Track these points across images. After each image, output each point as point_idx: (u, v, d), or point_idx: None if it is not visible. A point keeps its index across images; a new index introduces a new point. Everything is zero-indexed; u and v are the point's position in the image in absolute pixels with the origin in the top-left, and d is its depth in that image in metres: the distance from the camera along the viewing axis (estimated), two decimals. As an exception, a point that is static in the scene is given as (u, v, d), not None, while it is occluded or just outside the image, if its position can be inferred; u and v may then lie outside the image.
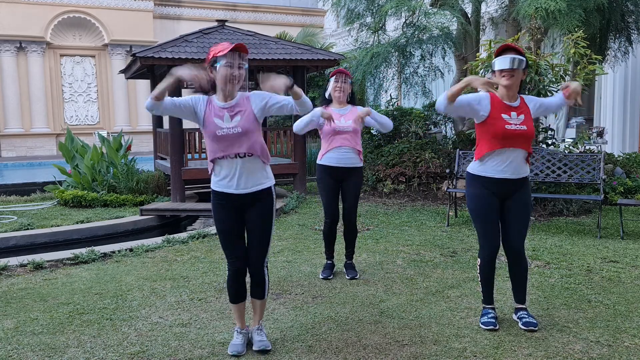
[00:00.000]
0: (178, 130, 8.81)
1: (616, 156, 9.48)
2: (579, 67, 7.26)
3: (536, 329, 3.55)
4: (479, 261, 3.66)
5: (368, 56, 9.25)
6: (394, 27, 10.68)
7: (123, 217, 8.06)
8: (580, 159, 6.91)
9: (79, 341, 3.52)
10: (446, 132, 11.83)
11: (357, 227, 4.94)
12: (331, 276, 4.83)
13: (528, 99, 3.62)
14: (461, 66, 9.78)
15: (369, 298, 4.27)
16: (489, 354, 3.24)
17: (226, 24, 10.02)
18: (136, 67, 9.46)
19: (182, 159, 8.92)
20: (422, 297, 4.26)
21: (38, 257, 5.43)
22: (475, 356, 3.22)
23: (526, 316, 3.63)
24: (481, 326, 3.62)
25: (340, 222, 4.88)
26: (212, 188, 3.24)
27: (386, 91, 11.14)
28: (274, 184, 3.33)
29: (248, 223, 3.26)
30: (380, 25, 10.14)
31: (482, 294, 3.73)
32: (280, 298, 4.30)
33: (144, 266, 5.33)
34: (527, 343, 3.38)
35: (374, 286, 4.57)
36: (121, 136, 10.49)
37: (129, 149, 10.22)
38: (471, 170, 3.62)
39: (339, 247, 5.18)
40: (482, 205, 3.54)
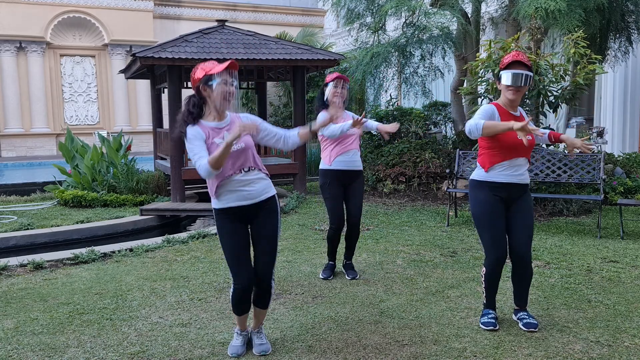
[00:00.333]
0: (178, 130, 8.79)
1: (616, 156, 9.48)
2: (579, 67, 7.26)
3: (536, 330, 3.55)
4: (483, 270, 3.62)
5: (368, 56, 9.25)
6: (394, 27, 10.68)
7: (123, 217, 8.06)
8: (580, 159, 6.91)
9: (79, 341, 3.53)
10: (446, 132, 11.83)
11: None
12: (331, 276, 4.83)
13: (524, 113, 3.69)
14: (461, 66, 9.78)
15: (369, 298, 4.27)
16: (489, 354, 3.24)
17: (226, 24, 10.01)
18: (136, 67, 9.46)
19: (182, 159, 8.92)
20: (422, 297, 4.26)
21: (38, 257, 5.43)
22: (475, 356, 3.22)
23: (526, 317, 3.63)
24: (481, 326, 3.62)
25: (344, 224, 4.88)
26: (217, 207, 3.19)
27: (386, 91, 11.14)
28: (276, 193, 3.36)
29: (256, 233, 3.26)
30: (380, 25, 10.13)
31: (484, 299, 3.72)
32: (280, 298, 4.30)
33: (144, 266, 5.33)
34: (527, 343, 3.39)
35: (374, 286, 4.57)
36: (121, 136, 10.49)
37: (129, 149, 10.22)
38: (477, 177, 3.60)
39: (339, 247, 5.16)
40: (490, 212, 3.52)
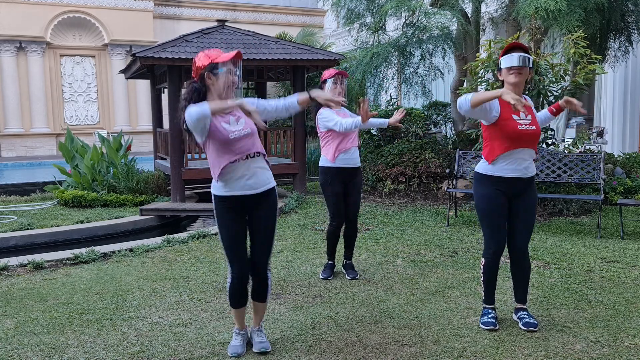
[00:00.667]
0: (178, 130, 8.81)
1: (616, 156, 9.48)
2: (578, 67, 7.26)
3: (536, 330, 3.55)
4: (482, 261, 3.65)
5: (368, 56, 9.25)
6: (394, 27, 10.68)
7: (123, 217, 8.06)
8: (580, 159, 6.91)
9: (79, 341, 3.52)
10: (446, 132, 11.84)
11: (357, 227, 4.96)
12: (331, 276, 4.83)
13: (527, 99, 3.65)
14: (461, 66, 9.78)
15: (369, 298, 4.27)
16: (489, 354, 3.24)
17: (226, 24, 10.02)
18: (136, 67, 9.46)
19: (182, 159, 8.92)
20: (422, 297, 4.26)
21: (38, 257, 5.43)
22: (475, 356, 3.22)
23: (526, 316, 3.63)
24: (481, 326, 3.62)
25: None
26: (219, 194, 3.19)
27: (386, 91, 11.13)
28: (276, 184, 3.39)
29: (254, 224, 3.28)
30: (380, 25, 10.13)
31: (483, 294, 3.73)
32: (280, 298, 4.30)
33: (144, 266, 5.33)
34: (527, 343, 3.38)
35: (374, 286, 4.57)
36: (121, 136, 10.49)
37: (129, 149, 10.22)
38: (481, 170, 3.60)
39: (339, 247, 5.16)
40: (492, 205, 3.54)
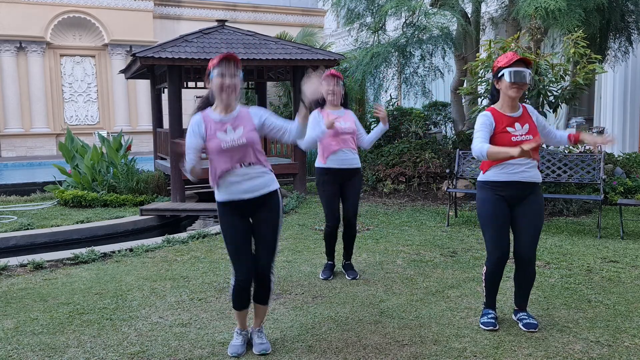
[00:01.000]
0: (178, 130, 8.81)
1: (616, 156, 9.47)
2: (578, 67, 7.26)
3: (536, 330, 3.55)
4: (484, 268, 3.61)
5: (368, 56, 9.26)
6: (394, 27, 10.68)
7: (123, 217, 8.06)
8: (580, 159, 6.91)
9: (79, 341, 3.52)
10: (446, 132, 11.84)
11: (357, 228, 4.94)
12: (331, 277, 4.83)
13: (530, 109, 3.56)
14: (461, 66, 9.78)
15: (369, 298, 4.27)
16: (489, 354, 3.24)
17: (226, 24, 10.02)
18: (136, 67, 9.46)
19: (182, 159, 8.90)
20: (422, 297, 4.26)
21: (38, 257, 5.43)
22: (475, 356, 3.22)
23: (526, 317, 3.62)
24: (481, 326, 3.62)
25: (340, 222, 4.88)
26: (219, 200, 3.22)
27: (386, 91, 11.14)
28: (279, 188, 3.34)
29: (256, 227, 3.26)
30: (380, 25, 10.14)
31: (484, 298, 3.71)
32: (280, 298, 4.30)
33: (144, 266, 5.33)
34: (527, 343, 3.38)
35: (374, 286, 4.57)
36: (121, 136, 10.49)
37: (129, 149, 10.22)
38: (480, 177, 3.59)
39: (339, 247, 5.17)
40: (491, 210, 3.48)
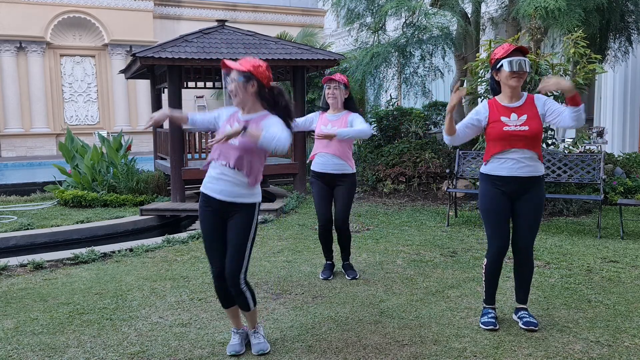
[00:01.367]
0: (178, 130, 8.81)
1: (616, 156, 9.48)
2: (578, 67, 7.25)
3: (536, 329, 3.55)
4: (485, 261, 3.64)
5: (368, 56, 9.26)
6: (394, 27, 10.68)
7: (123, 217, 8.06)
8: (580, 159, 6.90)
9: (79, 341, 3.52)
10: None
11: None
12: (331, 277, 4.83)
13: (537, 98, 3.51)
14: (461, 66, 9.78)
15: (369, 298, 4.27)
16: (489, 354, 3.24)
17: (226, 24, 10.01)
18: (136, 67, 9.46)
19: (182, 159, 8.92)
20: (422, 297, 4.26)
21: (38, 257, 5.43)
22: (475, 356, 3.22)
23: (527, 316, 3.63)
24: (481, 326, 3.62)
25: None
26: (201, 189, 3.24)
27: (386, 91, 11.14)
28: (259, 203, 3.22)
29: (227, 233, 3.20)
30: (380, 25, 10.14)
31: (484, 294, 3.73)
32: (280, 298, 4.30)
33: (144, 266, 5.33)
34: (527, 343, 3.38)
35: (374, 286, 4.57)
36: (121, 136, 10.49)
37: (129, 149, 10.22)
38: (481, 170, 3.64)
39: (337, 247, 5.17)
40: (492, 204, 3.53)
